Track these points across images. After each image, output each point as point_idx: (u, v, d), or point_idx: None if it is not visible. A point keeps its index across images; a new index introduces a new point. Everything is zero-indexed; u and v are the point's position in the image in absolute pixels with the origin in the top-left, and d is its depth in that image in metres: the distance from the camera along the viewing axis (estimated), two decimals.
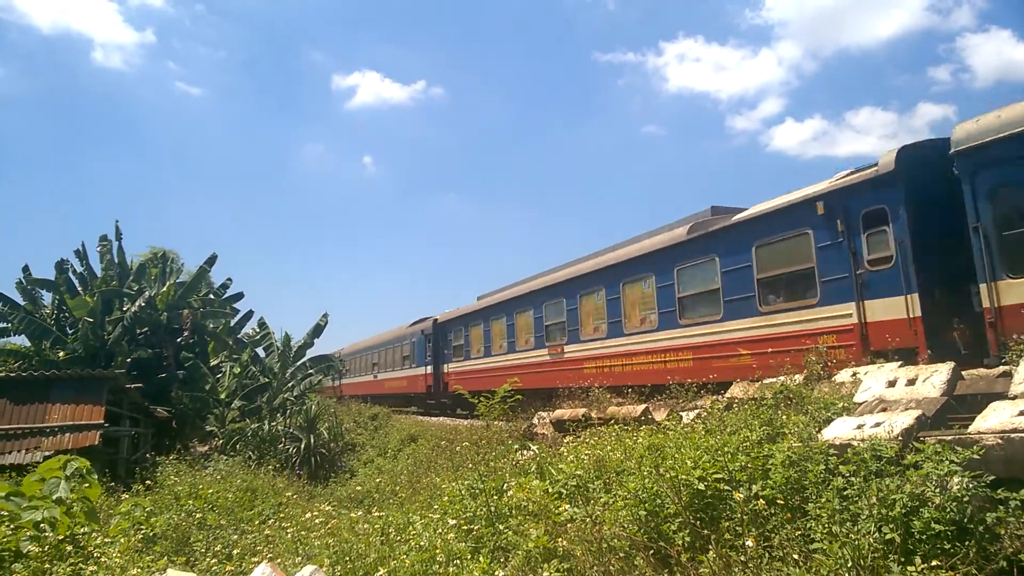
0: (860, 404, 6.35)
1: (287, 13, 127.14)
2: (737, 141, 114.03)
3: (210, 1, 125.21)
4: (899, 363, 7.49)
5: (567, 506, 5.38)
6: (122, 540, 7.03)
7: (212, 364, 27.69)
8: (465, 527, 5.72)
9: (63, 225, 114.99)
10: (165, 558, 7.01)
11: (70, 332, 24.21)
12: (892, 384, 6.58)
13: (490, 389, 9.42)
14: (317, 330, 30.68)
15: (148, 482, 12.74)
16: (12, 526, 5.74)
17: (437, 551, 5.16)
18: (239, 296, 29.95)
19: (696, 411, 8.99)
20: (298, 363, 29.84)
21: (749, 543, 3.98)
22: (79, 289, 24.92)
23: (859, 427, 5.34)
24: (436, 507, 7.12)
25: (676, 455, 5.42)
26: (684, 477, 4.80)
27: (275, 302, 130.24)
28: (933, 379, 6.29)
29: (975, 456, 4.10)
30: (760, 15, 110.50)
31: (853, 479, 4.29)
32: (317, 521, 7.79)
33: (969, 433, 4.57)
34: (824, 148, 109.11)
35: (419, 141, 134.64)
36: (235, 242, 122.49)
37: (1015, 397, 5.37)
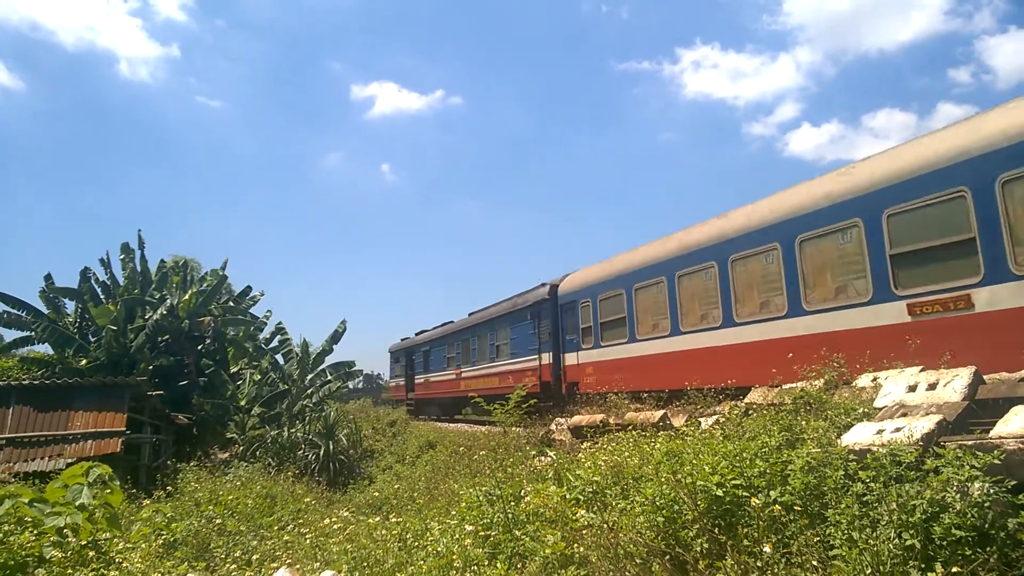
0: (880, 409, 6.28)
1: (306, 26, 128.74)
2: (753, 147, 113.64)
3: (232, 16, 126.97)
4: (920, 368, 7.40)
5: (584, 512, 5.36)
6: (143, 546, 7.12)
7: (232, 371, 27.92)
8: (482, 533, 5.73)
9: (86, 234, 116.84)
10: (185, 563, 7.10)
11: (93, 340, 24.51)
12: (913, 389, 6.49)
13: (639, 389, 13.77)
14: (335, 336, 30.87)
15: (169, 488, 12.87)
16: (36, 532, 5.82)
17: (454, 557, 5.18)
18: (260, 296, 30.31)
19: (715, 417, 8.93)
20: (317, 370, 30.00)
21: (767, 549, 3.96)
22: (102, 297, 25.22)
23: (879, 432, 5.27)
24: (454, 513, 7.13)
25: (694, 461, 5.39)
26: (702, 483, 4.77)
27: (295, 309, 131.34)
28: (954, 384, 6.21)
29: (996, 461, 4.04)
30: (778, 20, 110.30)
31: (873, 485, 4.23)
32: (336, 527, 7.82)
33: (990, 438, 4.50)
34: (841, 152, 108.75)
35: (437, 149, 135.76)
36: (255, 250, 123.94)
37: None
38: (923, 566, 3.58)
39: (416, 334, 34.47)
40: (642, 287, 15.21)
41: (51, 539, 5.81)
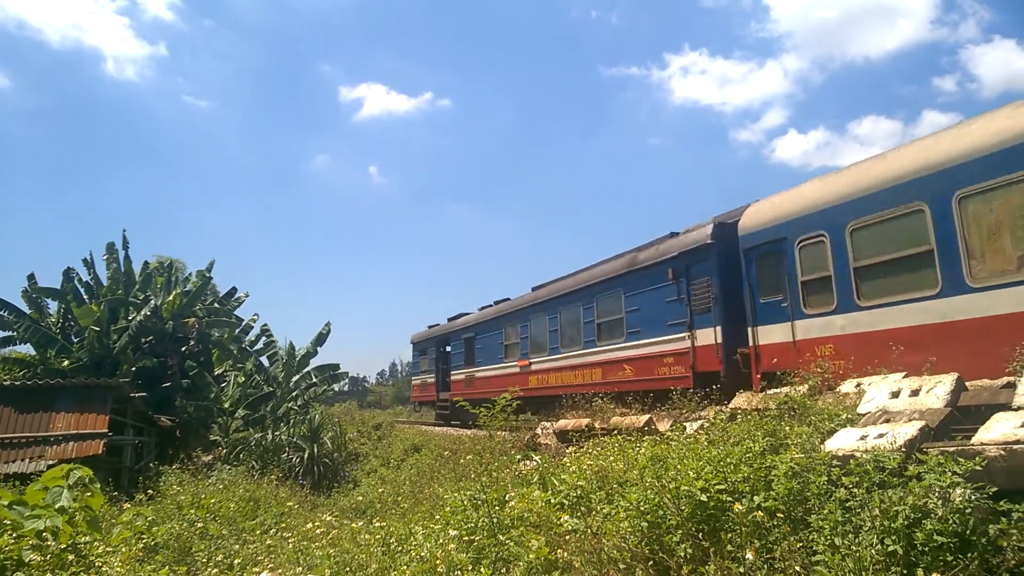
0: (864, 415, 6.32)
1: (295, 27, 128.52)
2: (741, 153, 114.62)
3: (220, 16, 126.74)
4: (903, 374, 7.45)
5: (568, 517, 5.36)
6: (124, 549, 7.02)
7: (216, 373, 27.73)
8: (466, 538, 5.71)
9: (70, 233, 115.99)
10: (166, 568, 7.02)
11: (75, 341, 24.27)
12: (896, 395, 6.55)
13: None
14: (320, 339, 30.69)
15: (151, 491, 12.74)
16: (14, 535, 5.74)
17: (438, 562, 5.15)
18: (245, 297, 30.23)
19: (699, 422, 8.96)
20: (302, 372, 29.85)
21: (749, 556, 3.96)
22: (85, 298, 25.00)
23: (862, 438, 5.31)
24: (438, 518, 7.09)
25: (679, 466, 5.40)
26: (686, 488, 4.77)
27: (281, 311, 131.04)
28: (937, 390, 6.26)
29: (978, 467, 4.07)
30: (766, 27, 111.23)
31: (856, 490, 4.26)
32: (319, 531, 7.77)
33: (972, 444, 4.54)
34: (827, 159, 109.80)
35: (426, 151, 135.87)
36: (242, 252, 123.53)
37: (1018, 408, 5.35)
38: (905, 572, 3.61)
39: (450, 319, 28.65)
40: (986, 191, 8.39)
41: (30, 542, 5.73)
